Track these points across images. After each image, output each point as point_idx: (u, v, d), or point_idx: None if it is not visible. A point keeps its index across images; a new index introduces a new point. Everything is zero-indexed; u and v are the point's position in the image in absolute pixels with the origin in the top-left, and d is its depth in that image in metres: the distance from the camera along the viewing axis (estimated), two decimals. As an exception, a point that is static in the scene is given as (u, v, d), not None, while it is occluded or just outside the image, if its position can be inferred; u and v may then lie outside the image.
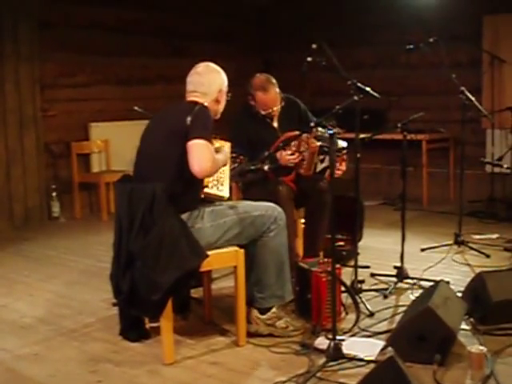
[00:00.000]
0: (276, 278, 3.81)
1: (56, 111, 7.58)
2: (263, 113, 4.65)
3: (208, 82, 3.82)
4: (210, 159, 3.50)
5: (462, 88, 5.55)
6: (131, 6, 8.18)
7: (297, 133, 4.28)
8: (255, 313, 3.85)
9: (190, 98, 3.82)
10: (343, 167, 4.54)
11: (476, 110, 5.73)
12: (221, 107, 3.90)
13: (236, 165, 4.31)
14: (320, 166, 4.53)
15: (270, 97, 4.62)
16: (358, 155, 4.42)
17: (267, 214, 3.78)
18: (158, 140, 3.70)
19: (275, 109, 4.66)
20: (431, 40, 5.54)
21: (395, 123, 4.76)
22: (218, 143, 3.92)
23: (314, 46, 4.29)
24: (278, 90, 4.65)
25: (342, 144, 4.53)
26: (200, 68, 3.87)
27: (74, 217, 7.70)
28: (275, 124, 4.74)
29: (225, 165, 3.88)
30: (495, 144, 7.57)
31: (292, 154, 4.50)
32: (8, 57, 7.09)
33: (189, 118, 3.54)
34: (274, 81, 4.64)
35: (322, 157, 4.48)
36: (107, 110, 8.00)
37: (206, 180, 3.78)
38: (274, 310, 3.86)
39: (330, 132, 3.47)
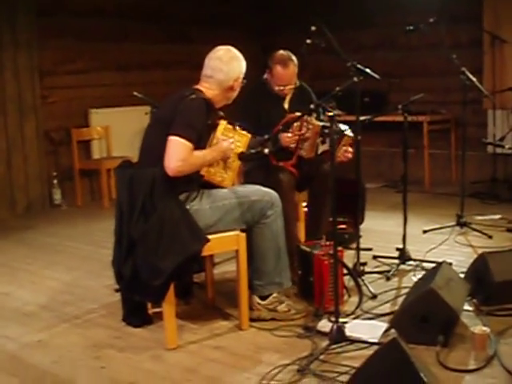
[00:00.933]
0: (274, 265, 3.81)
1: (55, 98, 7.56)
2: (276, 89, 4.61)
3: (227, 70, 3.75)
4: (181, 159, 3.46)
5: (463, 69, 5.52)
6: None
7: (298, 114, 4.25)
8: (256, 299, 3.86)
9: (202, 82, 3.78)
10: (350, 149, 4.48)
11: (477, 90, 5.71)
12: (234, 94, 3.86)
13: None
14: (321, 148, 4.50)
15: (288, 73, 4.56)
16: (359, 137, 4.41)
17: (264, 200, 3.76)
18: (154, 128, 3.72)
19: (288, 87, 4.62)
20: (431, 20, 5.50)
21: (396, 105, 4.74)
22: (237, 134, 3.85)
23: (313, 28, 4.27)
24: (296, 69, 4.61)
25: (346, 128, 4.48)
26: (221, 52, 3.80)
27: (76, 204, 7.69)
28: (286, 105, 4.72)
29: (226, 157, 3.78)
30: (497, 125, 7.54)
31: (293, 136, 4.47)
32: (6, 45, 7.07)
33: (176, 110, 3.53)
34: (294, 59, 4.58)
35: (322, 138, 4.45)
36: (107, 96, 7.98)
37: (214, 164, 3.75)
38: (274, 294, 3.86)
39: (331, 114, 3.45)
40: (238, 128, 3.87)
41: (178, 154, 3.46)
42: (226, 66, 3.76)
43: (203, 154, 3.64)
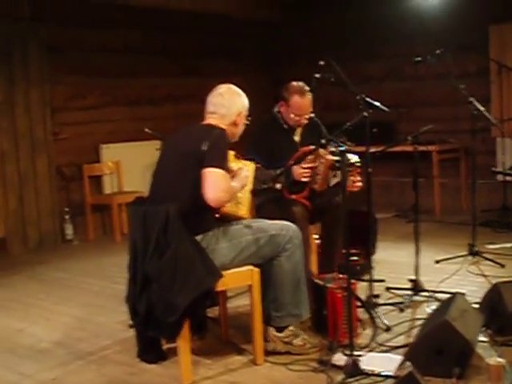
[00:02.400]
0: (292, 296, 3.81)
1: (67, 134, 7.63)
2: (295, 119, 4.63)
3: (229, 104, 3.81)
4: (224, 189, 3.51)
5: (471, 99, 5.55)
6: (139, 26, 8.25)
7: (312, 147, 4.28)
8: (272, 331, 3.85)
9: (209, 119, 3.82)
10: (358, 178, 4.50)
11: (485, 119, 5.73)
12: (239, 130, 3.90)
13: None
14: (333, 181, 4.53)
15: (305, 102, 4.61)
16: (370, 170, 4.43)
17: (282, 234, 3.78)
18: (173, 163, 3.71)
19: (306, 116, 4.65)
20: (438, 52, 5.55)
21: (405, 135, 4.78)
22: (241, 163, 3.91)
23: (321, 62, 4.31)
24: (311, 99, 4.66)
25: (354, 157, 4.51)
26: (222, 89, 3.87)
27: (88, 239, 7.72)
28: (297, 138, 4.76)
29: (245, 185, 3.84)
30: (505, 152, 7.56)
31: (306, 168, 4.49)
32: (18, 81, 7.15)
33: (206, 143, 3.54)
34: (308, 90, 4.65)
35: (334, 172, 4.48)
36: (118, 131, 8.05)
37: None
38: (291, 327, 3.85)
39: (342, 148, 3.48)
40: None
41: (220, 185, 3.50)
42: (227, 101, 3.82)
43: (234, 184, 3.69)
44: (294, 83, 4.69)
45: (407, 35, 8.20)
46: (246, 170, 3.88)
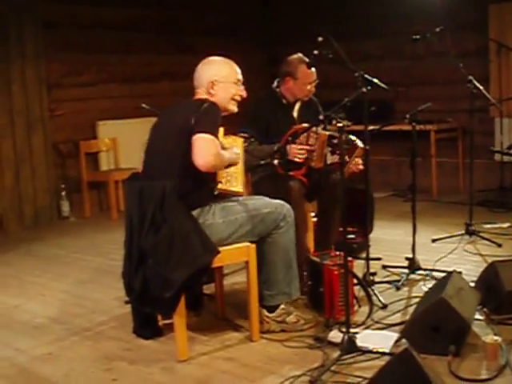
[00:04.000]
0: (284, 275, 3.80)
1: (63, 111, 7.59)
2: (306, 88, 4.63)
3: (199, 75, 3.81)
4: (213, 153, 3.46)
5: (470, 77, 5.52)
6: (135, 3, 8.19)
7: (306, 125, 4.26)
8: (264, 312, 3.84)
9: (197, 94, 3.82)
10: (360, 161, 4.47)
11: (484, 98, 5.71)
12: (220, 100, 3.76)
13: (246, 144, 4.30)
14: (330, 159, 4.49)
15: (312, 70, 4.62)
16: (367, 147, 4.41)
17: (277, 211, 3.76)
18: (165, 138, 3.69)
19: (312, 86, 4.67)
20: (437, 30, 5.51)
21: (403, 114, 4.74)
22: (230, 139, 3.89)
23: (320, 38, 4.27)
24: None
25: (359, 141, 4.48)
26: (200, 64, 3.87)
27: (84, 216, 7.71)
28: (295, 114, 4.74)
29: (236, 163, 3.80)
30: (504, 132, 7.53)
31: (301, 149, 4.46)
32: (14, 58, 7.11)
33: (194, 117, 3.52)
34: None
35: (331, 149, 4.45)
36: (114, 108, 8.02)
37: (219, 176, 3.76)
38: (282, 306, 3.85)
39: (340, 124, 3.47)
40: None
41: (209, 149, 3.45)
42: (198, 72, 3.82)
43: (223, 152, 3.65)
44: (294, 56, 4.69)
45: (407, 14, 8.14)
46: (237, 147, 3.85)
